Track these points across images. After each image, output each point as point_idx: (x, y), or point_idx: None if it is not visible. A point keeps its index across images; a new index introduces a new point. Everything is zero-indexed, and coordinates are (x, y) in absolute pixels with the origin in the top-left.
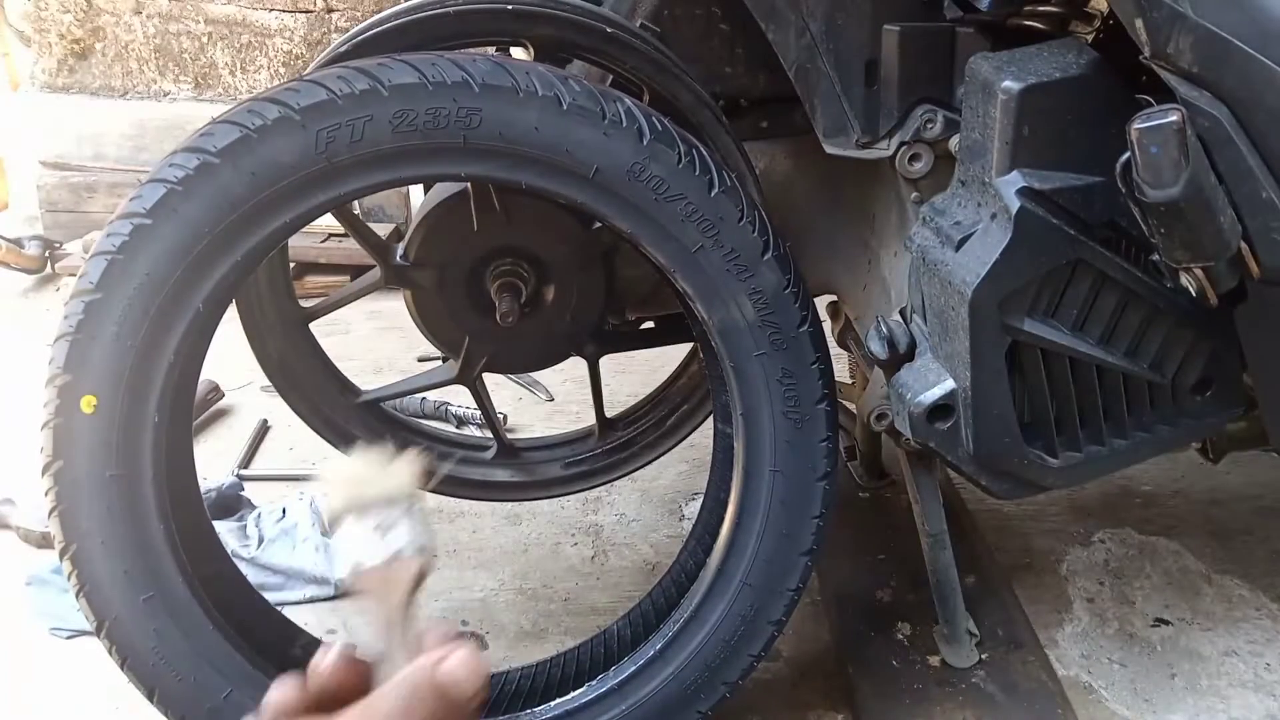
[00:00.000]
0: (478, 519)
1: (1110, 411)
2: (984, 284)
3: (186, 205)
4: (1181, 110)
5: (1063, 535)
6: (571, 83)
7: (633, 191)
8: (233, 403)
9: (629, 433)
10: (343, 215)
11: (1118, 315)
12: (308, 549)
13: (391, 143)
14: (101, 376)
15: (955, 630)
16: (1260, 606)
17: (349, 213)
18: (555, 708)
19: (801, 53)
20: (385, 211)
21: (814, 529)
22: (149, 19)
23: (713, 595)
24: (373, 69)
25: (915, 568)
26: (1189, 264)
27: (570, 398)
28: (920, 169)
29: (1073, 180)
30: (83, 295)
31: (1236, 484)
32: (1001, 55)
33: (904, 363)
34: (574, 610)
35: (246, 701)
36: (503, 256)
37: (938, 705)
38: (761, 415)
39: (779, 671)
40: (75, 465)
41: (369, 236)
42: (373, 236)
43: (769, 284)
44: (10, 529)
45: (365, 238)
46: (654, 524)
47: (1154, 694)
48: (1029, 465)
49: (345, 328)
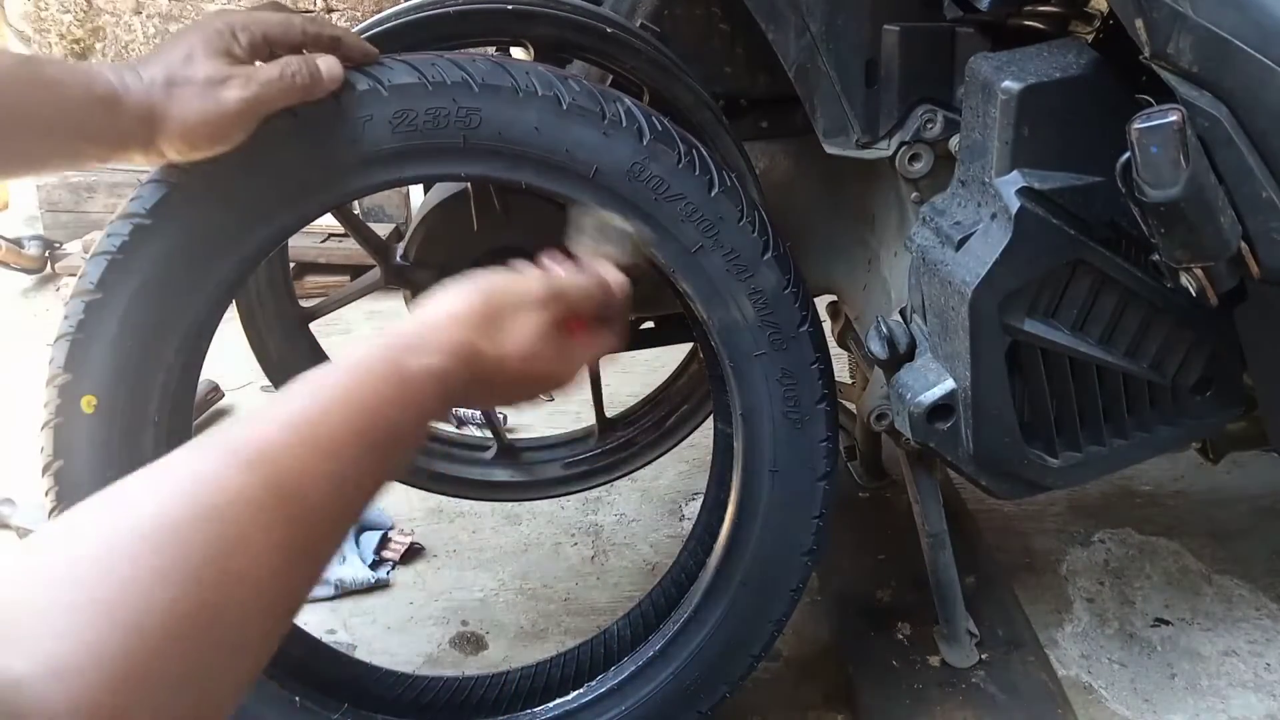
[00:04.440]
0: (478, 519)
1: (1110, 411)
2: (984, 284)
3: (186, 206)
4: (1181, 110)
5: (1063, 535)
6: (571, 83)
7: (633, 191)
8: (233, 403)
9: (629, 433)
10: (343, 215)
11: (1118, 315)
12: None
13: (391, 143)
14: (102, 377)
15: (955, 630)
16: (1260, 606)
17: (349, 213)
18: (555, 708)
19: (801, 53)
20: (385, 211)
21: (814, 529)
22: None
23: (712, 595)
24: (372, 69)
25: (915, 568)
26: (1189, 264)
27: (570, 398)
28: (920, 169)
29: (1073, 180)
30: (83, 295)
31: (1236, 484)
32: (1001, 55)
33: (904, 363)
34: (574, 610)
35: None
36: (503, 256)
37: (938, 705)
38: (761, 415)
39: (779, 671)
40: (75, 465)
41: (369, 236)
42: (373, 236)
43: (769, 284)
44: (10, 529)
45: (365, 238)
46: (654, 524)
47: (1154, 694)
48: (1029, 465)
49: (345, 328)
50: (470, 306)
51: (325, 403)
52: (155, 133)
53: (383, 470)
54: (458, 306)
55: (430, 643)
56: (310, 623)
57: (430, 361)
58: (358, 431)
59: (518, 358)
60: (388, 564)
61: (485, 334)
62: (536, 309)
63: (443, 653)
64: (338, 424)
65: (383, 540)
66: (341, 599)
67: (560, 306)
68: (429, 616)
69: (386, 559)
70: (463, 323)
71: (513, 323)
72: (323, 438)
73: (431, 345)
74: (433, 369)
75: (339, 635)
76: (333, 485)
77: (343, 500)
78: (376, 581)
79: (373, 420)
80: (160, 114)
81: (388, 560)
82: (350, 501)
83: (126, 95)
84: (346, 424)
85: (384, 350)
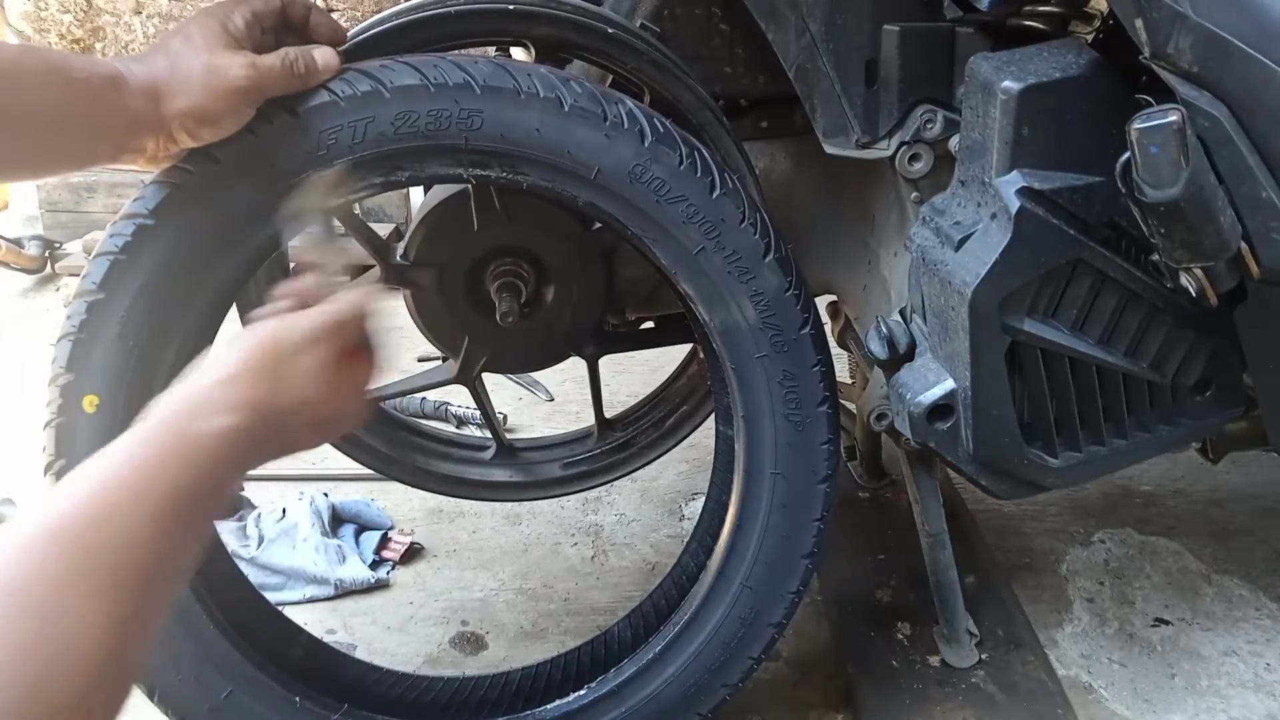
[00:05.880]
0: (478, 519)
1: (1110, 411)
2: (984, 284)
3: (189, 207)
4: (1181, 110)
5: (1063, 535)
6: (573, 84)
7: (634, 193)
8: None
9: (628, 433)
10: (343, 215)
11: (1118, 315)
12: (308, 549)
13: (393, 144)
14: (104, 376)
15: (955, 630)
16: (1260, 606)
17: (349, 213)
18: (555, 709)
19: (801, 53)
20: (385, 211)
21: (815, 532)
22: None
23: (713, 597)
24: (374, 70)
25: (915, 568)
26: (1189, 264)
27: (570, 398)
28: (920, 169)
29: (1073, 180)
30: (85, 295)
31: (1236, 484)
32: (1001, 55)
33: (904, 363)
34: (574, 610)
35: (247, 701)
36: (503, 256)
37: (938, 705)
38: (763, 418)
39: (779, 671)
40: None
41: (369, 236)
42: (373, 236)
43: (770, 286)
44: None
45: (365, 238)
46: (654, 524)
47: (1154, 694)
48: (1029, 465)
49: None
50: (249, 361)
51: (117, 478)
52: (162, 107)
53: (189, 532)
54: (236, 363)
55: (430, 643)
56: (310, 623)
57: (217, 424)
58: (153, 501)
59: (306, 402)
60: (388, 564)
61: (269, 386)
62: (313, 349)
63: (443, 653)
64: (130, 497)
65: (383, 540)
66: (341, 599)
67: (334, 341)
68: (429, 616)
69: (386, 559)
70: (244, 379)
71: (293, 368)
72: (120, 511)
73: (217, 405)
74: (221, 431)
75: (339, 635)
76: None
77: (154, 566)
78: (376, 581)
79: (165, 489)
80: (165, 90)
81: (388, 560)
82: (163, 566)
83: (131, 75)
84: (140, 496)
85: (169, 418)
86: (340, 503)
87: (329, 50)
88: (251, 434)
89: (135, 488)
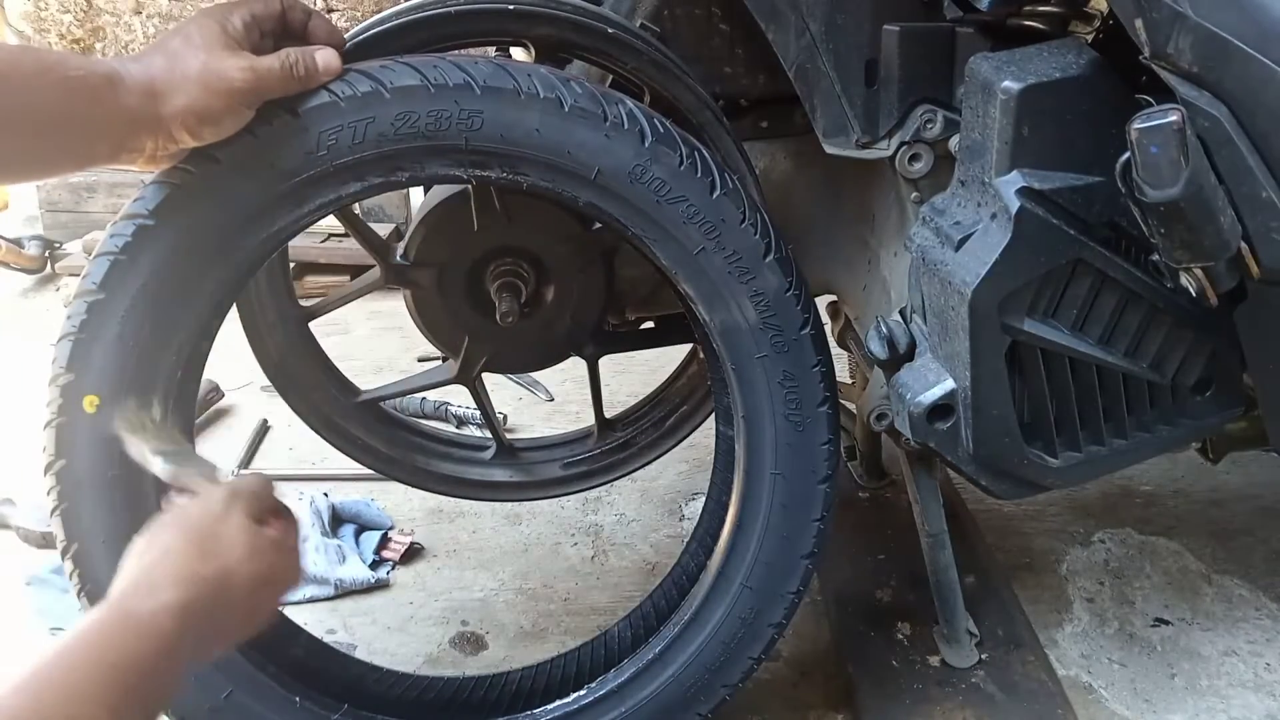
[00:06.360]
0: (478, 519)
1: (1110, 411)
2: (984, 284)
3: (189, 207)
4: (1181, 110)
5: (1063, 535)
6: (573, 84)
7: (634, 193)
8: (233, 403)
9: (628, 433)
10: (343, 215)
11: (1118, 315)
12: (307, 549)
13: (393, 145)
14: (104, 376)
15: (955, 630)
16: (1260, 606)
17: (349, 213)
18: (556, 709)
19: (801, 53)
20: (385, 211)
21: (815, 532)
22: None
23: (713, 598)
24: (375, 71)
25: (915, 568)
26: (1189, 264)
27: (570, 398)
28: (920, 169)
29: (1073, 180)
30: (86, 295)
31: (1236, 484)
32: (1001, 55)
33: (904, 363)
34: (574, 610)
35: (247, 701)
36: (503, 256)
37: (938, 705)
38: (763, 418)
39: (779, 671)
40: (77, 465)
41: (369, 236)
42: (373, 236)
43: (771, 286)
44: (10, 529)
45: (365, 238)
46: (654, 524)
47: (1154, 694)
48: (1029, 465)
49: (345, 328)
50: (180, 535)
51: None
52: (160, 106)
53: (145, 707)
54: (168, 539)
55: (430, 643)
56: (310, 623)
57: (160, 600)
58: (103, 684)
59: (243, 559)
60: (388, 564)
61: (204, 553)
62: (234, 513)
63: (443, 653)
64: (81, 680)
65: (383, 540)
66: (341, 599)
67: (249, 503)
68: (429, 616)
69: (386, 559)
70: (180, 552)
71: (223, 531)
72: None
73: (158, 583)
74: (167, 605)
75: (339, 635)
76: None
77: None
78: (376, 581)
79: (113, 671)
80: (163, 89)
81: (388, 560)
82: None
83: (128, 74)
84: (89, 681)
85: (115, 601)
86: (340, 503)
87: (330, 51)
88: (199, 606)
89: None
